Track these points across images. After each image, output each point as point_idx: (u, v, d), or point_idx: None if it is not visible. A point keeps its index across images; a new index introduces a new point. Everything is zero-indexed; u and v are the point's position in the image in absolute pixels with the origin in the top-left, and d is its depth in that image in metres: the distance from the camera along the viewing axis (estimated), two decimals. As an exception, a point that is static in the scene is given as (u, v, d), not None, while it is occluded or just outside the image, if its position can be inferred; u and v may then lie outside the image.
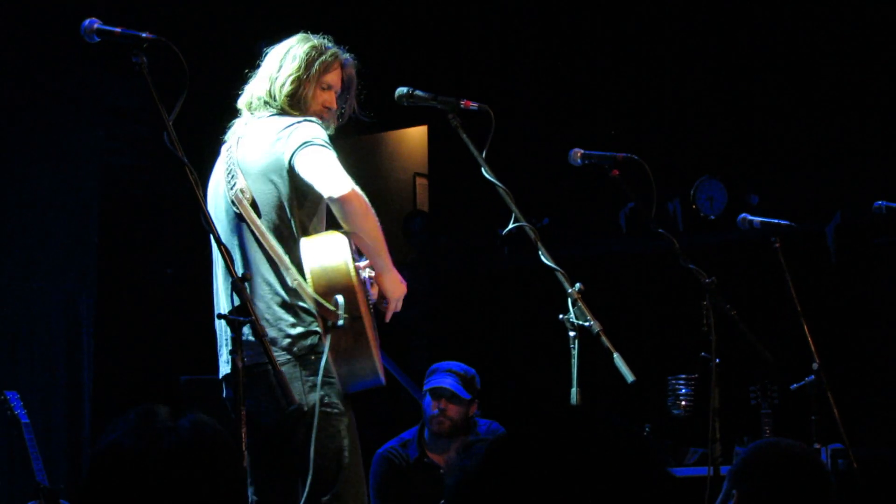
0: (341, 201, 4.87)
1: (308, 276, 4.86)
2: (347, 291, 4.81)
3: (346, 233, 4.95)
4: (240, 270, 4.84)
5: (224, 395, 5.08)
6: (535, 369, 9.60)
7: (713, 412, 5.70)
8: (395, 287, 5.14)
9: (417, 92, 5.21)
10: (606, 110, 9.91)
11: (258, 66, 5.33)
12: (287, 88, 5.17)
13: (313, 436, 4.84)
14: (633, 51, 9.92)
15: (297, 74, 5.18)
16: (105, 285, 8.63)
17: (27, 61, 8.35)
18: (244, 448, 3.90)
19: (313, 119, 5.10)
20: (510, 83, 10.17)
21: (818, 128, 9.21)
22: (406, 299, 5.29)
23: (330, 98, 5.28)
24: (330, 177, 4.89)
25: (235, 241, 5.07)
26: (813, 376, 6.37)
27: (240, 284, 4.05)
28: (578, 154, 5.63)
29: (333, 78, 5.27)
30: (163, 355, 8.93)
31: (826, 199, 9.21)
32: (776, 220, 6.61)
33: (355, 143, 9.98)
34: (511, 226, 5.01)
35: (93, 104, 8.70)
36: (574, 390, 4.72)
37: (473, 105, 5.13)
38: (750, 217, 6.66)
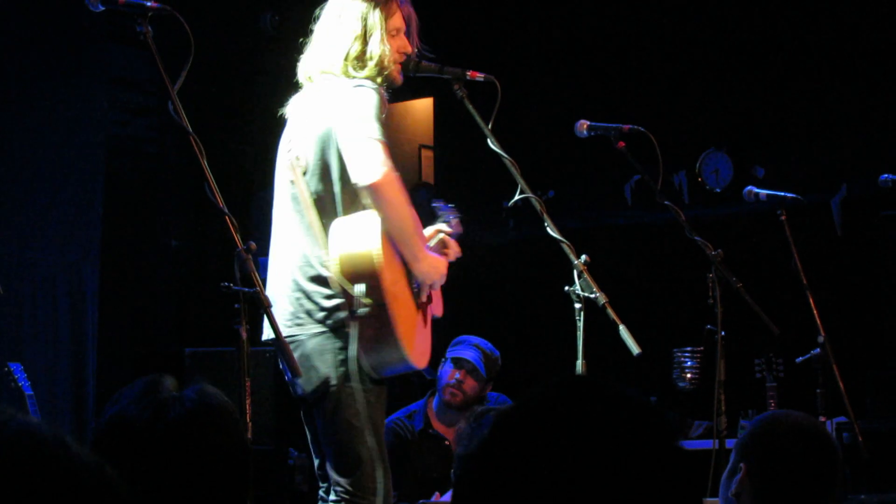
0: (370, 189, 4.78)
1: (335, 260, 4.81)
2: (371, 279, 4.76)
3: None
4: (289, 239, 4.95)
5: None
6: (540, 341, 9.60)
7: (718, 385, 5.69)
8: (427, 274, 5.09)
9: (424, 62, 5.19)
10: (613, 81, 9.88)
11: (311, 31, 5.16)
12: (354, 51, 5.02)
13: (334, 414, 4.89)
14: (640, 21, 9.88)
15: (361, 33, 5.03)
16: (109, 256, 8.62)
17: (31, 32, 8.33)
18: (248, 420, 3.89)
19: (366, 84, 4.97)
20: (516, 54, 10.13)
21: (824, 100, 9.18)
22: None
23: (403, 42, 5.13)
24: (362, 160, 4.79)
25: (288, 209, 5.03)
26: (818, 349, 6.35)
27: (244, 255, 4.03)
28: (584, 126, 5.62)
29: (397, 21, 5.12)
30: (167, 327, 8.93)
31: (832, 171, 9.19)
32: (782, 193, 6.58)
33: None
34: (517, 197, 5.00)
35: (97, 75, 8.68)
36: (579, 362, 4.71)
37: (480, 76, 5.10)
38: (756, 190, 6.63)
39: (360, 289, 4.73)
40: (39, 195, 8.41)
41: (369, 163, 4.77)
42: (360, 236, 4.81)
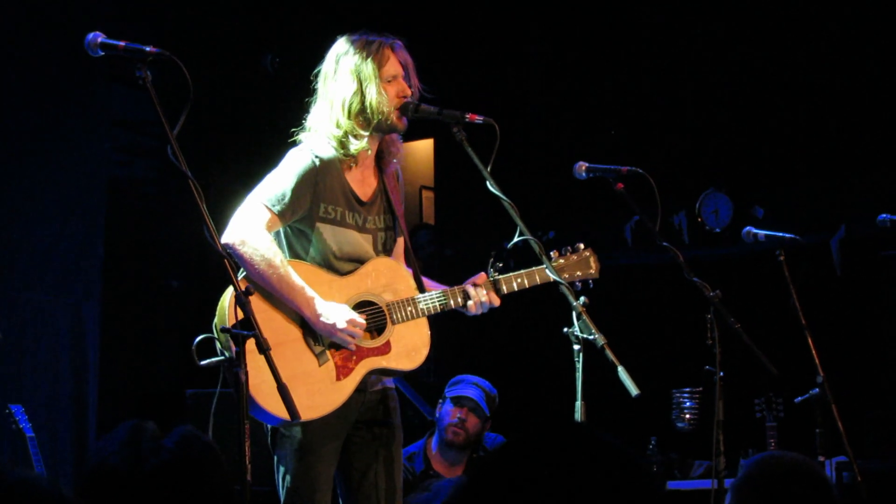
0: (226, 248, 4.87)
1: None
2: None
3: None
4: None
5: None
6: (539, 382, 9.59)
7: (717, 425, 5.69)
8: (316, 326, 4.98)
9: (423, 105, 5.20)
10: (612, 123, 9.91)
11: (314, 89, 5.24)
12: (356, 107, 5.11)
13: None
14: (639, 64, 9.92)
15: (357, 87, 5.11)
16: (110, 297, 8.62)
17: (33, 74, 8.36)
18: (248, 462, 3.88)
19: (305, 145, 5.12)
20: (515, 96, 10.17)
21: (823, 141, 9.22)
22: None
23: (401, 87, 5.18)
24: (233, 218, 4.97)
25: None
26: (817, 389, 6.35)
27: (244, 298, 4.03)
28: (583, 167, 5.65)
29: (392, 68, 5.17)
30: (168, 368, 8.93)
31: (831, 212, 9.21)
32: (781, 234, 6.60)
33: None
34: (516, 239, 5.01)
35: (98, 116, 8.70)
36: (578, 404, 4.71)
37: (478, 118, 5.11)
38: (755, 230, 6.65)
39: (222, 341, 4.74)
40: (41, 235, 8.41)
41: (233, 222, 4.96)
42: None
